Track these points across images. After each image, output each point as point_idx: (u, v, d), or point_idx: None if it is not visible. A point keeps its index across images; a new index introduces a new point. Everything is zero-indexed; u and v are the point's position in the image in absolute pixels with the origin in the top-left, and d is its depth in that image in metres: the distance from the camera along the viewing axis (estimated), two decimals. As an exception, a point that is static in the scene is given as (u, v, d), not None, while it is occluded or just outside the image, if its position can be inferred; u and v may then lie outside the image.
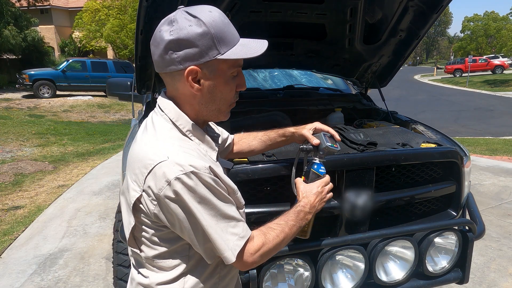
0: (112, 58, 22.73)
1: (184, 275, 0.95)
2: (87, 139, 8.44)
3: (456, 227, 1.72)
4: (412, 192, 1.79)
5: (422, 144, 1.90)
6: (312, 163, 1.27)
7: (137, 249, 0.98)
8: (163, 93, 1.01)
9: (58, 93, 15.39)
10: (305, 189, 1.19)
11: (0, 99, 14.13)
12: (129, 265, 1.27)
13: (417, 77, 34.76)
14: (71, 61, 16.19)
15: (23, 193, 4.85)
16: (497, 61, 30.73)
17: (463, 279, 1.75)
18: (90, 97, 15.27)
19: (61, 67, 15.73)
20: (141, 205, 0.90)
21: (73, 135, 8.77)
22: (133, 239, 0.97)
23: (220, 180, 0.91)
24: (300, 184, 1.23)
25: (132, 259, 1.04)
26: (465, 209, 1.97)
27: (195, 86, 0.92)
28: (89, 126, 10.32)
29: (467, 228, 1.72)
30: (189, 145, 0.93)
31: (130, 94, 3.11)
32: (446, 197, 1.92)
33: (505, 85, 22.34)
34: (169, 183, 0.84)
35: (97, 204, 4.37)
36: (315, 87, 3.13)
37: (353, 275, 1.60)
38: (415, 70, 50.03)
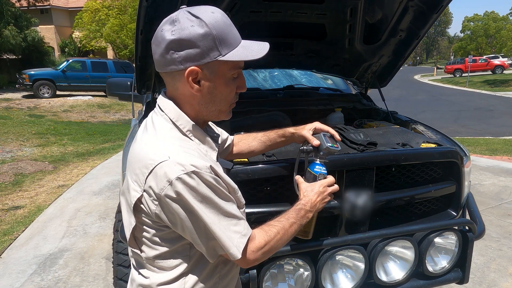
0: (112, 58, 22.73)
1: (184, 275, 0.95)
2: (87, 139, 8.44)
3: (456, 227, 1.72)
4: (412, 192, 1.79)
5: (422, 144, 1.90)
6: (313, 164, 1.27)
7: (137, 249, 0.98)
8: (163, 93, 1.01)
9: (58, 93, 15.39)
10: (307, 188, 1.20)
11: (0, 99, 14.13)
12: (129, 265, 1.27)
13: (417, 77, 34.76)
14: (71, 61, 16.19)
15: (23, 193, 4.85)
16: (497, 61, 30.73)
17: (463, 279, 1.75)
18: (90, 97, 15.27)
19: (61, 67, 15.73)
20: (142, 205, 0.90)
21: (73, 135, 8.77)
22: (133, 240, 0.97)
23: (221, 179, 0.91)
24: (301, 183, 1.24)
25: (132, 260, 1.03)
26: (465, 209, 1.97)
27: (195, 86, 0.92)
28: (89, 126, 10.32)
29: (467, 228, 1.72)
30: (190, 145, 0.93)
31: (130, 94, 3.11)
32: (446, 197, 1.92)
33: (505, 85, 22.34)
34: (170, 183, 0.84)
35: (97, 204, 4.37)
36: (315, 87, 3.13)
37: (353, 275, 1.60)
38: (415, 70, 50.03)
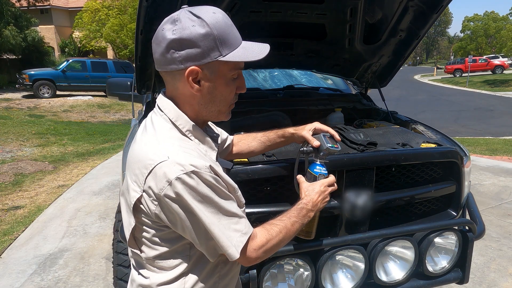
0: (112, 58, 22.72)
1: (184, 274, 0.95)
2: (87, 139, 8.44)
3: (456, 227, 1.72)
4: (412, 192, 1.79)
5: (422, 144, 1.90)
6: (313, 165, 1.28)
7: (137, 249, 0.98)
8: (163, 93, 1.01)
9: (58, 93, 15.38)
10: (308, 188, 1.20)
11: (0, 99, 14.13)
12: (129, 265, 1.27)
13: (417, 77, 34.75)
14: (71, 61, 16.19)
15: (23, 193, 4.85)
16: (497, 61, 30.72)
17: (463, 279, 1.75)
18: (90, 97, 15.27)
19: (61, 67, 15.73)
20: (141, 205, 0.90)
21: (73, 135, 8.76)
22: (133, 240, 0.97)
23: (220, 178, 0.91)
24: (303, 182, 1.24)
25: (132, 260, 1.03)
26: (465, 209, 1.97)
27: (195, 86, 0.92)
28: (89, 126, 10.32)
29: (467, 228, 1.72)
30: (189, 145, 0.93)
31: (130, 94, 3.11)
32: (446, 197, 1.92)
33: (505, 85, 22.33)
34: (170, 183, 0.84)
35: (97, 204, 4.37)
36: (315, 87, 3.13)
37: (353, 275, 1.60)
38: (415, 70, 50.02)
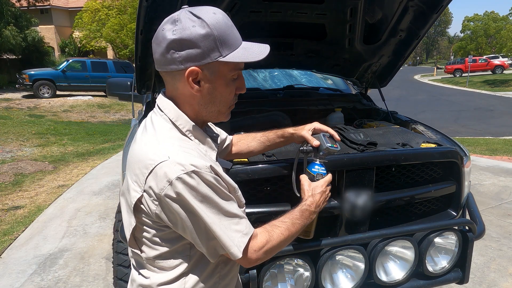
0: (112, 58, 22.72)
1: (185, 274, 0.95)
2: (87, 139, 8.44)
3: (456, 227, 1.72)
4: (412, 192, 1.79)
5: (422, 144, 1.90)
6: (312, 164, 1.28)
7: (137, 249, 0.98)
8: (163, 93, 1.01)
9: (58, 93, 15.38)
10: (311, 188, 1.19)
11: (0, 99, 14.13)
12: (129, 265, 1.27)
13: (417, 77, 34.75)
14: (71, 61, 16.19)
15: (23, 193, 4.85)
16: (497, 61, 30.72)
17: (463, 279, 1.75)
18: (90, 97, 15.27)
19: (61, 67, 15.73)
20: (142, 205, 0.90)
21: (73, 135, 8.77)
22: (133, 240, 0.97)
23: (221, 178, 0.91)
24: (305, 181, 1.23)
25: (132, 260, 1.03)
26: (465, 209, 1.97)
27: (195, 87, 0.92)
28: (89, 126, 10.32)
29: (467, 228, 1.72)
30: (189, 145, 0.93)
31: (130, 94, 3.11)
32: (446, 197, 1.92)
33: (505, 85, 22.33)
34: (170, 183, 0.84)
35: (97, 204, 4.37)
36: (315, 87, 3.13)
37: (353, 275, 1.60)
38: (415, 70, 50.01)
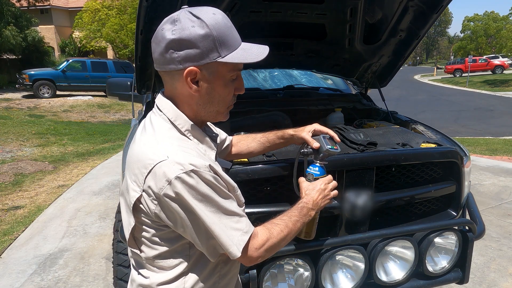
0: (112, 58, 22.72)
1: (184, 274, 0.95)
2: (87, 139, 8.44)
3: (456, 227, 1.72)
4: (412, 192, 1.79)
5: (422, 144, 1.90)
6: (312, 166, 1.28)
7: (137, 249, 0.98)
8: (161, 93, 1.01)
9: (58, 93, 15.38)
10: (308, 187, 1.20)
11: (0, 99, 14.13)
12: (129, 265, 1.27)
13: (417, 77, 34.74)
14: (71, 61, 16.19)
15: (23, 193, 4.85)
16: (497, 61, 30.70)
17: (463, 279, 1.75)
18: (90, 97, 15.27)
19: (61, 67, 15.73)
20: (141, 205, 0.90)
21: (73, 135, 8.77)
22: (133, 240, 0.97)
23: (220, 177, 0.91)
24: (303, 182, 1.24)
25: (132, 260, 1.03)
26: (465, 209, 1.97)
27: (193, 87, 0.92)
28: (89, 126, 10.32)
29: (467, 228, 1.72)
30: (188, 145, 0.93)
31: (130, 94, 3.11)
32: (446, 197, 1.92)
33: (505, 85, 22.32)
34: (169, 183, 0.84)
35: (97, 204, 4.37)
36: (315, 87, 3.13)
37: (353, 275, 1.60)
38: (415, 70, 50.01)
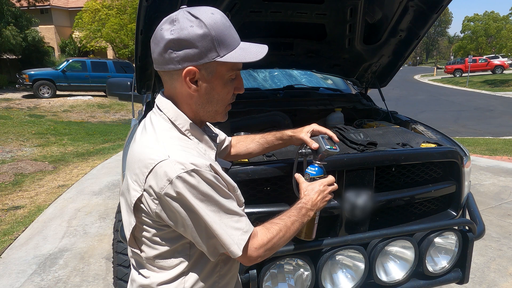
0: (112, 58, 22.72)
1: (184, 274, 0.95)
2: (87, 139, 8.44)
3: (456, 227, 1.72)
4: (412, 192, 1.79)
5: (422, 144, 1.90)
6: (311, 166, 1.28)
7: (137, 249, 0.98)
8: (161, 93, 1.01)
9: (58, 93, 15.39)
10: (307, 187, 1.20)
11: (0, 99, 14.13)
12: (129, 265, 1.27)
13: (417, 77, 34.75)
14: (71, 61, 16.19)
15: (23, 193, 4.85)
16: (497, 61, 30.70)
17: (463, 279, 1.75)
18: (90, 97, 15.28)
19: (61, 67, 15.73)
20: (142, 205, 0.90)
21: (73, 135, 8.77)
22: (133, 240, 0.97)
23: (220, 177, 0.91)
24: (302, 182, 1.24)
25: (132, 260, 1.03)
26: (465, 209, 1.97)
27: (192, 86, 0.92)
28: (89, 126, 10.32)
29: (467, 228, 1.72)
30: (188, 144, 0.93)
31: (130, 94, 3.11)
32: (446, 197, 1.92)
33: (505, 85, 22.33)
34: (170, 182, 0.84)
35: (97, 204, 4.37)
36: (315, 87, 3.13)
37: (353, 275, 1.60)
38: (415, 70, 50.02)
